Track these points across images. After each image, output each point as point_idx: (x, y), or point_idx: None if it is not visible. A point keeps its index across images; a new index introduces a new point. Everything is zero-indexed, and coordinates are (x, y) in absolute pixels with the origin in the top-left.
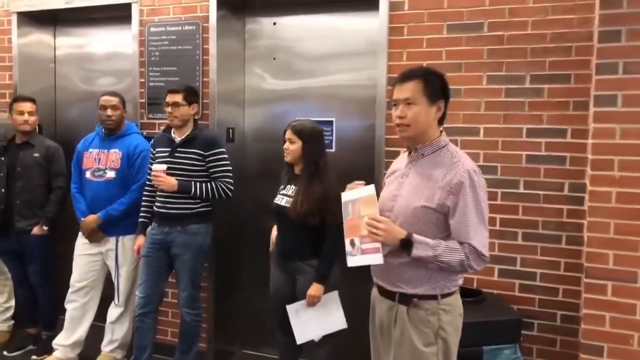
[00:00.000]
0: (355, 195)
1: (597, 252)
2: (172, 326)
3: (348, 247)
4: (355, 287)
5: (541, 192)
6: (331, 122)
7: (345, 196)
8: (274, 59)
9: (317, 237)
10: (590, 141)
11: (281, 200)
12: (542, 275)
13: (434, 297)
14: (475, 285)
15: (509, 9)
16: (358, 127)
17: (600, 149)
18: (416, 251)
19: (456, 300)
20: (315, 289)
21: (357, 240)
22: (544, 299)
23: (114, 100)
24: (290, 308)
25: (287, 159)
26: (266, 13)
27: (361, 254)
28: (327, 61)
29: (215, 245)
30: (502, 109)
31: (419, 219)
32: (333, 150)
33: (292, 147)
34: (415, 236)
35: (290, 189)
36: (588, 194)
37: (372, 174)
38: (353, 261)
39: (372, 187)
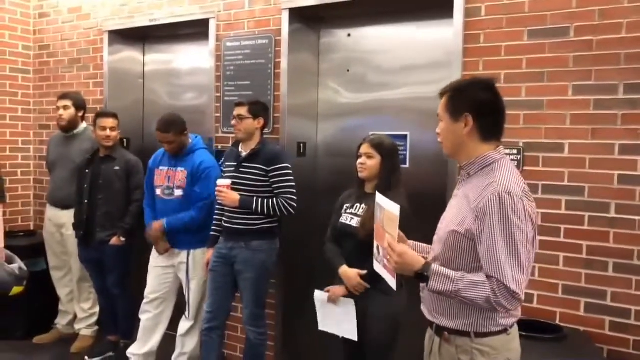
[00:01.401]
0: (384, 204)
1: None
2: (242, 342)
3: (375, 250)
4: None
5: (636, 218)
6: (405, 136)
7: (378, 197)
8: (348, 71)
9: None
10: None
11: (349, 219)
12: (637, 313)
13: (466, 334)
14: (558, 320)
15: (600, 11)
16: (433, 142)
17: None
18: (433, 283)
19: (502, 342)
20: (353, 275)
21: (381, 250)
22: None
23: (168, 137)
24: (318, 295)
25: (363, 174)
26: (340, 25)
27: (382, 267)
28: (402, 73)
29: (285, 263)
30: (590, 122)
31: (450, 245)
32: (407, 165)
33: (370, 163)
34: (435, 267)
35: (360, 209)
36: None
37: (447, 192)
38: (376, 267)
39: (398, 207)
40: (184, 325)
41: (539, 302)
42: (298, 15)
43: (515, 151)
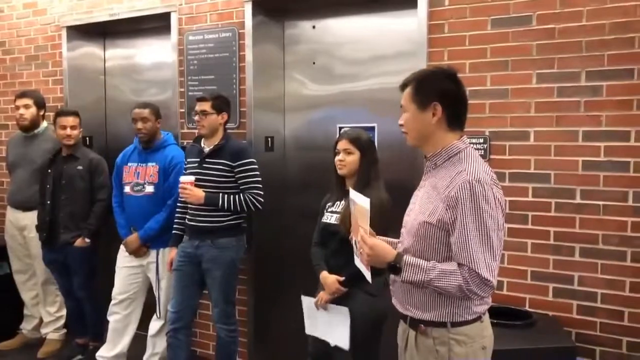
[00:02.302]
0: (356, 198)
1: None
2: (214, 340)
3: (354, 245)
4: None
5: (600, 203)
6: (373, 127)
7: (351, 193)
8: (314, 63)
9: None
10: None
11: (330, 218)
12: (603, 296)
13: (443, 325)
14: (527, 306)
15: None
16: (401, 133)
17: None
18: (405, 274)
19: (477, 330)
20: (332, 281)
21: (356, 244)
22: (607, 323)
23: (145, 112)
24: (305, 299)
25: (343, 171)
26: (305, 17)
27: (360, 261)
28: (368, 64)
29: (255, 259)
30: (554, 110)
31: (422, 236)
32: None
33: (350, 159)
34: (407, 258)
35: (340, 206)
36: None
37: (416, 182)
38: (356, 262)
39: (368, 200)
40: (154, 325)
41: (509, 288)
42: (261, 7)
43: (481, 140)
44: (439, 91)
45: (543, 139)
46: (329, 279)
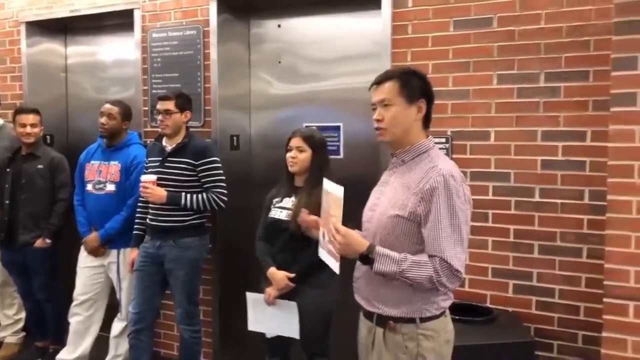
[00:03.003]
0: (329, 187)
1: (618, 269)
2: (177, 340)
3: (320, 237)
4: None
5: (558, 201)
6: (338, 127)
7: (325, 182)
8: (280, 62)
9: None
10: (609, 145)
11: (279, 213)
12: (561, 291)
13: (412, 321)
14: (488, 302)
15: (520, 2)
16: (366, 132)
17: (619, 153)
18: (378, 265)
19: (442, 324)
20: (281, 277)
21: (326, 235)
22: (564, 318)
23: (113, 109)
24: (250, 296)
25: (294, 168)
26: (270, 15)
27: (326, 252)
28: (333, 64)
29: (220, 258)
30: (514, 110)
31: (392, 229)
32: (341, 156)
33: (301, 156)
34: (379, 249)
35: (290, 202)
36: (607, 203)
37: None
38: (320, 253)
39: (342, 189)
40: (117, 326)
41: (470, 285)
42: (226, 5)
43: (443, 140)
44: (423, 89)
45: (503, 139)
46: (278, 275)
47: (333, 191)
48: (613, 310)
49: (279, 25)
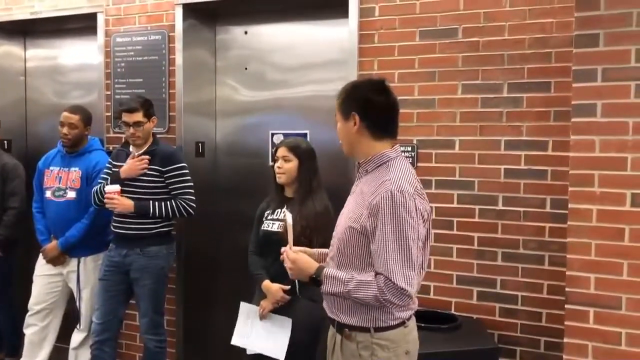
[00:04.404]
0: (287, 216)
1: (578, 276)
2: (140, 351)
3: None
4: None
5: (521, 209)
6: (305, 134)
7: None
8: (246, 69)
9: None
10: (570, 154)
11: (272, 226)
12: (523, 298)
13: (366, 330)
14: (453, 309)
15: (484, 13)
16: (333, 140)
17: (579, 162)
18: (325, 287)
19: (400, 335)
20: (276, 289)
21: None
22: (527, 324)
23: (74, 118)
24: (244, 306)
25: (281, 180)
26: (236, 22)
27: None
28: (300, 71)
29: (185, 265)
30: (478, 120)
31: (348, 241)
32: None
33: (288, 166)
34: (326, 271)
35: (282, 213)
36: (568, 211)
37: (348, 189)
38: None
39: (290, 215)
40: (77, 337)
41: (435, 293)
42: (192, 10)
43: (409, 148)
44: (358, 102)
45: (467, 148)
46: (273, 287)
47: (286, 218)
48: (574, 316)
49: (246, 32)
